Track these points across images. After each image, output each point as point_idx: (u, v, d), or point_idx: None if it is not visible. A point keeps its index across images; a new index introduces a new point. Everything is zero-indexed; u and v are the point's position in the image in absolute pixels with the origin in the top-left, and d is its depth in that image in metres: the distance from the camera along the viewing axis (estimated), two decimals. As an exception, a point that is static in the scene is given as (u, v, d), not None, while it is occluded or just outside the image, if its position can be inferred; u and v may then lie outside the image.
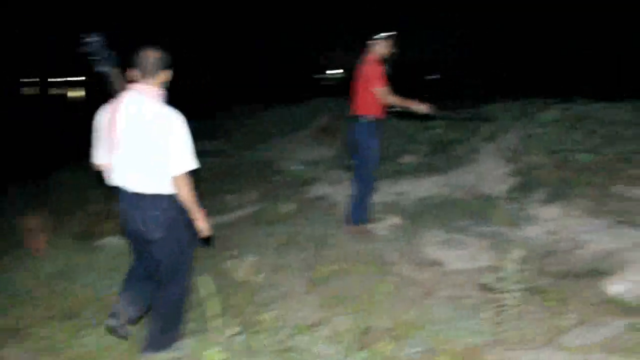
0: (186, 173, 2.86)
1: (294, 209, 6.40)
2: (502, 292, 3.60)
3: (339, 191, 6.94)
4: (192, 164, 2.87)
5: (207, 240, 3.38)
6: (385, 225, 5.47)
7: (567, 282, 3.87)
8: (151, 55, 2.86)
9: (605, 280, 3.76)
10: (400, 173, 7.29)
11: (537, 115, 6.84)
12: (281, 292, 4.32)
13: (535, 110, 7.02)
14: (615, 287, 3.64)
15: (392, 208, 5.97)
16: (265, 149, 10.51)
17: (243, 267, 4.70)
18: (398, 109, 5.21)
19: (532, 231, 4.81)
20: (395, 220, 5.54)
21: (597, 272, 3.92)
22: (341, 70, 35.17)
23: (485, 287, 3.74)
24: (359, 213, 5.36)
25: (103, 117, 2.95)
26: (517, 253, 3.23)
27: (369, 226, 5.44)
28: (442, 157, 7.39)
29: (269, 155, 9.96)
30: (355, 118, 5.23)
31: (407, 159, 7.98)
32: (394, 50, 5.16)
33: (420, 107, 5.13)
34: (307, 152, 9.61)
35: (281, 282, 4.49)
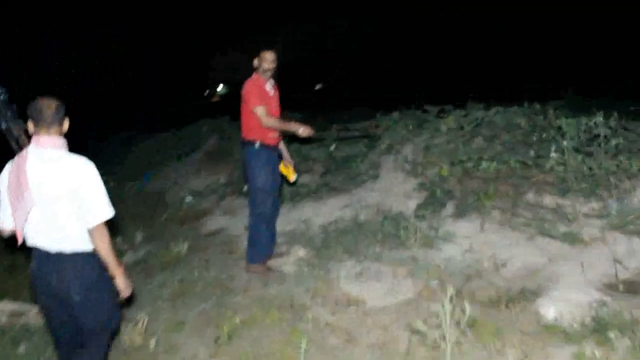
0: (104, 223, 2.74)
1: (188, 248, 5.72)
2: (433, 330, 3.23)
3: (236, 223, 6.34)
4: (110, 211, 2.76)
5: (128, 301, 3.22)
6: (291, 260, 4.95)
7: (499, 310, 3.56)
8: (49, 105, 2.72)
9: (537, 303, 3.49)
10: (298, 196, 6.81)
11: (434, 123, 6.65)
12: (180, 358, 3.69)
13: (432, 119, 6.84)
14: (550, 312, 3.37)
15: (296, 238, 5.47)
16: (151, 180, 9.65)
17: (133, 330, 4.00)
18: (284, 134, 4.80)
19: (449, 251, 4.50)
20: (302, 252, 5.04)
21: (527, 293, 3.64)
22: (223, 86, 33.68)
23: (412, 327, 3.34)
24: (258, 250, 4.80)
25: (5, 177, 2.75)
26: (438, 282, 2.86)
27: (273, 262, 4.91)
28: (340, 175, 7.00)
29: (155, 187, 9.12)
30: (243, 143, 4.70)
31: (304, 179, 7.52)
32: (276, 63, 4.68)
33: (301, 130, 4.70)
34: (197, 180, 8.86)
35: (180, 345, 3.84)
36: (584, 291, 3.54)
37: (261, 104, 4.50)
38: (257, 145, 4.61)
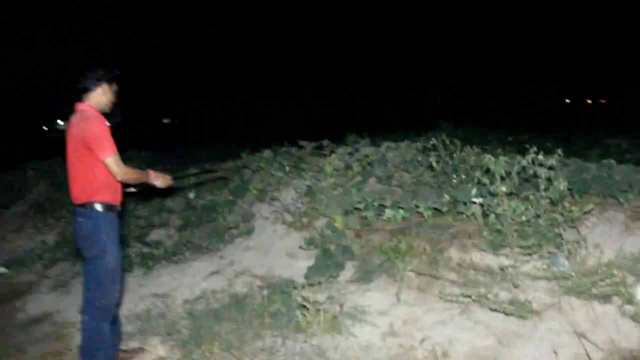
0: None
1: (-6, 351, 4.03)
2: None
3: (69, 303, 4.72)
4: None
5: None
6: (147, 364, 3.54)
7: None
8: None
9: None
10: (151, 260, 5.37)
11: (315, 162, 5.62)
12: None
13: (311, 157, 5.82)
14: None
15: (152, 325, 4.04)
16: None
17: None
18: (133, 190, 3.49)
19: (364, 336, 3.39)
20: (161, 350, 3.64)
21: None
22: (61, 122, 30.11)
23: None
24: (98, 353, 3.33)
25: None
26: None
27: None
28: (204, 229, 5.67)
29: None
30: (81, 207, 3.27)
31: (157, 235, 6.08)
32: (116, 99, 3.41)
33: (159, 182, 3.47)
34: (17, 242, 6.96)
35: None
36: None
37: (115, 152, 3.16)
38: (102, 208, 3.22)
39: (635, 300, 3.01)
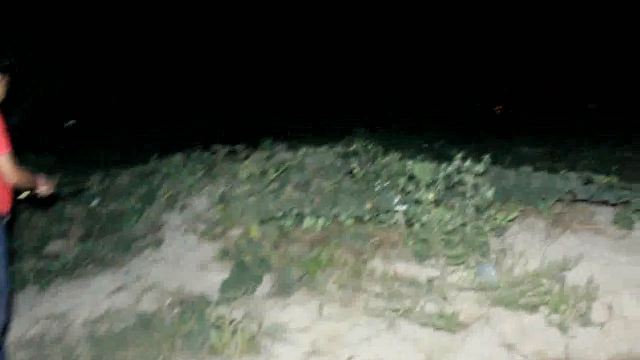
0: None
1: None
2: None
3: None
4: None
5: None
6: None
7: None
8: None
9: None
10: (47, 274, 4.84)
11: (229, 168, 5.30)
12: None
13: (226, 163, 5.48)
14: None
15: (45, 352, 3.58)
16: None
17: None
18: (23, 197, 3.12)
19: (285, 356, 3.12)
20: (55, 380, 3.22)
21: None
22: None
23: None
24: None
25: None
26: None
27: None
28: (108, 240, 5.20)
29: None
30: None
31: (56, 247, 5.51)
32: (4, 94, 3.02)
33: (44, 188, 3.13)
34: None
35: None
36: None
37: (10, 150, 2.75)
38: None
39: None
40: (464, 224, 3.30)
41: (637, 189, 4.40)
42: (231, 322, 3.28)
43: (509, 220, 3.45)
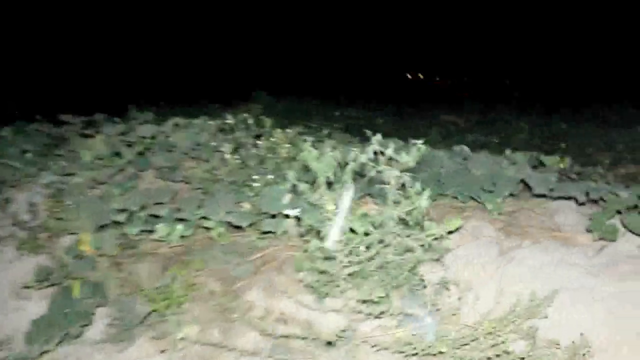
0: None
1: None
2: None
3: None
4: None
5: None
6: None
7: None
8: None
9: None
10: None
11: (72, 146, 3.90)
12: None
13: (74, 138, 4.07)
14: None
15: None
16: None
17: None
18: None
19: None
20: None
21: None
22: None
23: None
24: None
25: None
26: None
27: None
28: None
29: None
30: None
31: None
32: None
33: None
34: None
35: None
36: None
37: None
38: None
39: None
40: (385, 246, 2.13)
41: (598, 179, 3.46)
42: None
43: (450, 232, 2.31)
